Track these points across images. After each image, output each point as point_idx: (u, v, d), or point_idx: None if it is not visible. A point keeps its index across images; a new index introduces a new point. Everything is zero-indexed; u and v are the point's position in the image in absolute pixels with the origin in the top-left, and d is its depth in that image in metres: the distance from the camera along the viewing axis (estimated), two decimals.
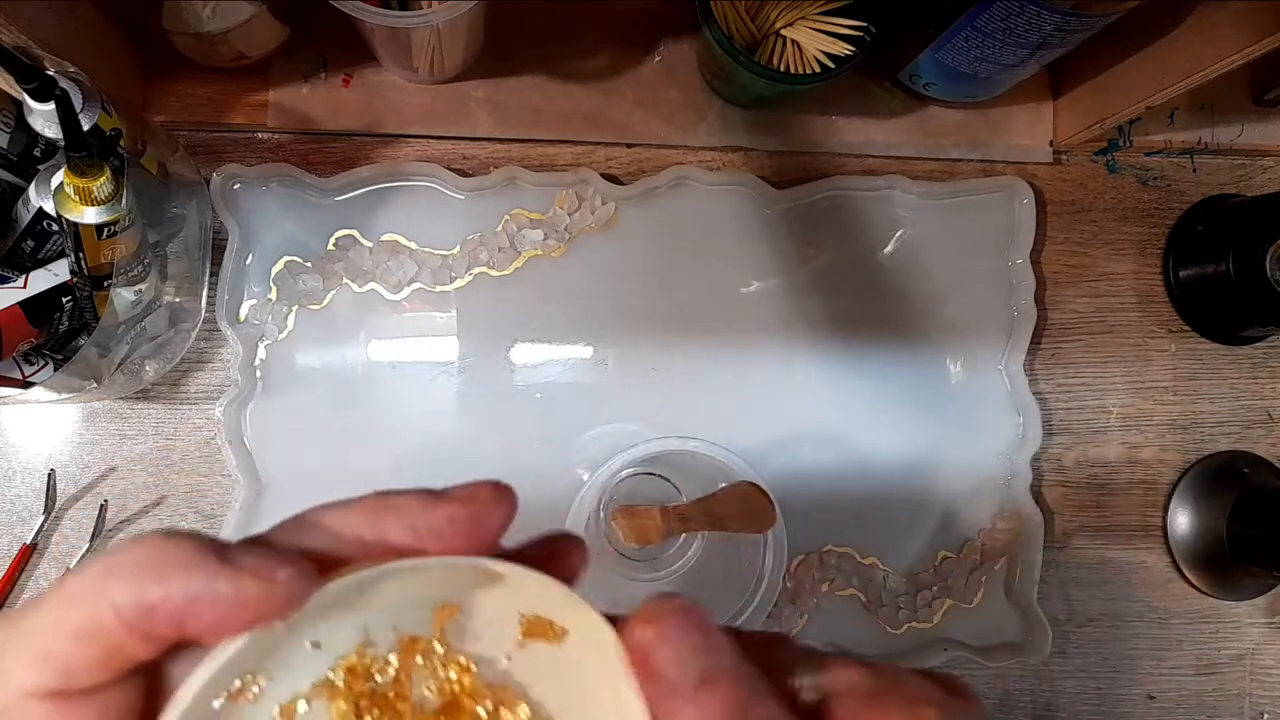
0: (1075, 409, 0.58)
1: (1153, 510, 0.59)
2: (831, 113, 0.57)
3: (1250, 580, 0.58)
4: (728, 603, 0.47)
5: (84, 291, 0.43)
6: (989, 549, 0.56)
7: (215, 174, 0.52)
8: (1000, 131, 0.58)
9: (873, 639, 0.55)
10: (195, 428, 0.53)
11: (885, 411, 0.56)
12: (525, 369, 0.54)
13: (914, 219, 0.57)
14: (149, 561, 0.17)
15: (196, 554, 0.17)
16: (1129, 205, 0.60)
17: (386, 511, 0.19)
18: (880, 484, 0.56)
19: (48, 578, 0.51)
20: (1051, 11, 0.43)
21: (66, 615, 0.17)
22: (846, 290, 0.57)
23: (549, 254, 0.55)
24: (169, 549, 0.17)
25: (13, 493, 0.51)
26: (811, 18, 0.50)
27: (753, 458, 0.45)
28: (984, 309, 0.57)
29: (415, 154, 0.54)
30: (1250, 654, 0.58)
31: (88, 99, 0.40)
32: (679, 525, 0.40)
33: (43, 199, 0.43)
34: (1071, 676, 0.57)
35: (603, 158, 0.56)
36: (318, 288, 0.53)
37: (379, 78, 0.54)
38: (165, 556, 0.17)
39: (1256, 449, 0.59)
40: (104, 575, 0.17)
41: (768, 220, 0.56)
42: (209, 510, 0.52)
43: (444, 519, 0.19)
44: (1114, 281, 0.59)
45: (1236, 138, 0.60)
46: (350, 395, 0.53)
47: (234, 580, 0.17)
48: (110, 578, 0.16)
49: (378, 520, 0.18)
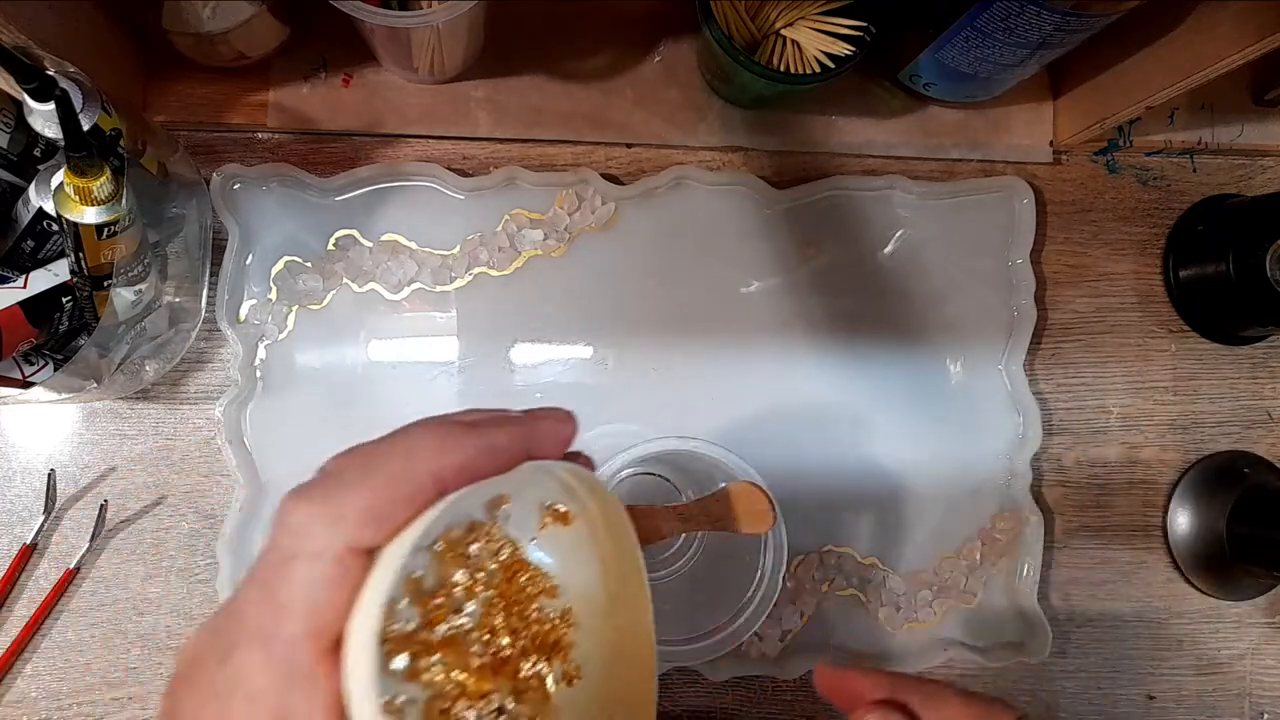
0: (1075, 409, 0.58)
1: (1153, 510, 0.59)
2: (831, 113, 0.57)
3: (1250, 580, 0.58)
4: (728, 603, 0.47)
5: (84, 291, 0.43)
6: (989, 549, 0.56)
7: (215, 174, 0.52)
8: (1000, 131, 0.58)
9: (873, 639, 0.55)
10: (195, 428, 0.53)
11: (885, 411, 0.56)
12: (525, 369, 0.54)
13: (914, 219, 0.57)
14: (443, 438, 0.23)
15: (472, 431, 0.24)
16: (1129, 205, 0.60)
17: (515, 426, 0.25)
18: (880, 484, 0.56)
19: (48, 578, 0.51)
20: (1051, 11, 0.43)
21: (395, 489, 0.22)
22: (846, 290, 0.57)
23: (549, 254, 0.55)
24: (455, 430, 0.24)
25: (13, 493, 0.51)
26: (811, 18, 0.50)
27: (753, 458, 0.45)
28: (984, 309, 0.57)
29: (415, 154, 0.54)
30: (1250, 654, 0.58)
31: (88, 99, 0.40)
32: (679, 525, 0.39)
33: (43, 199, 0.43)
34: (1071, 676, 0.57)
35: (603, 158, 0.56)
36: (318, 288, 0.53)
37: (379, 78, 0.54)
38: (450, 434, 0.23)
39: (1256, 449, 0.59)
40: (409, 458, 0.23)
41: (768, 220, 0.56)
42: (209, 510, 0.52)
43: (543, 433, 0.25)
44: (1114, 281, 0.59)
45: (1236, 138, 0.60)
46: (350, 395, 0.53)
47: (510, 435, 0.24)
48: (414, 455, 0.23)
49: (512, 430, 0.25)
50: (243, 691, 0.21)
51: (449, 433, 0.23)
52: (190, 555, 0.52)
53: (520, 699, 0.26)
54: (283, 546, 0.22)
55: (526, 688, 0.26)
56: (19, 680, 0.50)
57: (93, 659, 0.51)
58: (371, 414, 0.53)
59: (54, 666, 0.51)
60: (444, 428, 0.24)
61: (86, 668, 0.51)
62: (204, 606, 0.52)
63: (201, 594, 0.52)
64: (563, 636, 0.28)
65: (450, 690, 0.25)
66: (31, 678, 0.51)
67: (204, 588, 0.52)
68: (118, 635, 0.51)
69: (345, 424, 0.53)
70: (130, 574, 0.52)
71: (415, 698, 0.24)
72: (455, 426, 0.24)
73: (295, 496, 0.23)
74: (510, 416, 0.26)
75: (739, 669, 0.53)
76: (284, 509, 0.22)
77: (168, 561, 0.52)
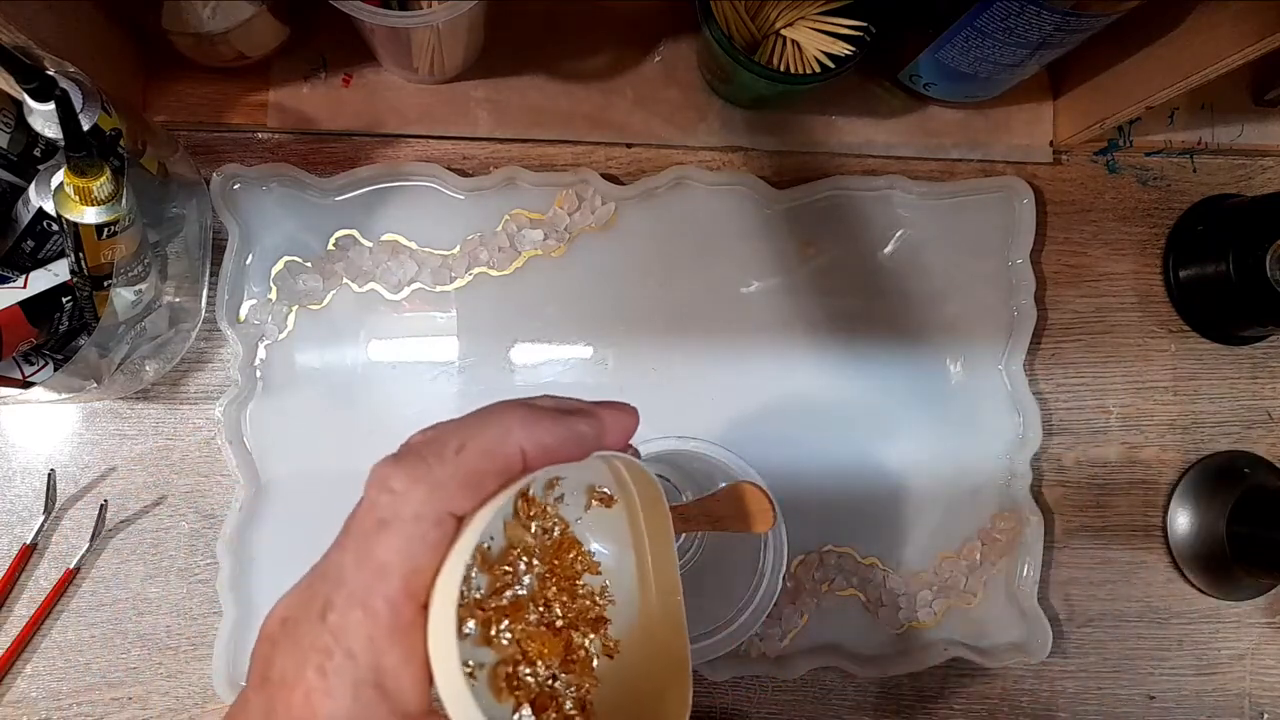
0: (1075, 409, 0.58)
1: (1153, 510, 0.59)
2: (831, 113, 0.57)
3: (1250, 580, 0.57)
4: (728, 603, 0.47)
5: (84, 291, 0.43)
6: (989, 549, 0.56)
7: (215, 174, 0.52)
8: (1000, 131, 0.58)
9: (873, 639, 0.55)
10: (195, 428, 0.53)
11: (885, 411, 0.56)
12: (525, 369, 0.54)
13: (914, 219, 0.57)
14: (531, 418, 0.24)
15: (559, 416, 0.25)
16: (1129, 205, 0.60)
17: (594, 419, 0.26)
18: (880, 484, 0.56)
19: (48, 578, 0.51)
20: (1051, 11, 0.43)
21: (489, 461, 0.24)
22: (846, 290, 0.57)
23: (549, 254, 0.55)
24: (543, 413, 0.25)
25: (13, 493, 0.51)
26: (811, 18, 0.50)
27: (753, 458, 0.45)
28: (984, 309, 0.57)
29: (415, 154, 0.54)
30: (1250, 654, 0.58)
31: (88, 99, 0.40)
32: (679, 525, 0.39)
33: (43, 199, 0.43)
34: (1071, 676, 0.57)
35: (603, 158, 0.56)
36: (318, 288, 0.53)
37: (379, 78, 0.54)
38: (539, 417, 0.25)
39: (1256, 449, 0.59)
40: (504, 434, 0.24)
41: (768, 220, 0.56)
42: (209, 510, 0.52)
43: (613, 424, 0.27)
44: (1114, 281, 0.59)
45: (1236, 138, 0.60)
46: (350, 395, 0.53)
47: (590, 425, 0.26)
48: (509, 432, 0.24)
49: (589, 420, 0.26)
50: (343, 648, 0.22)
51: (538, 416, 0.25)
52: (190, 555, 0.52)
53: (567, 669, 0.28)
54: (382, 509, 0.23)
55: (575, 658, 0.28)
56: (19, 680, 0.50)
57: (93, 659, 0.51)
58: (371, 414, 0.53)
59: (54, 666, 0.51)
60: (533, 411, 0.25)
61: (86, 668, 0.51)
62: (204, 606, 0.52)
63: (201, 594, 0.52)
64: (602, 612, 0.30)
65: (513, 654, 0.26)
66: (31, 678, 0.51)
67: (204, 588, 0.52)
68: (118, 635, 0.51)
69: (345, 424, 0.53)
70: (130, 574, 0.52)
71: (484, 661, 0.26)
72: (543, 411, 0.25)
73: (393, 464, 0.23)
74: (586, 407, 0.27)
75: (739, 669, 0.53)
76: (382, 475, 0.23)
77: (168, 561, 0.52)
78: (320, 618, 0.22)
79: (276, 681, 0.22)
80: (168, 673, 0.51)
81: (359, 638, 0.22)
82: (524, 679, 0.26)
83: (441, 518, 0.23)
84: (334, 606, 0.22)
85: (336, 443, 0.53)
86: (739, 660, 0.53)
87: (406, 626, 0.22)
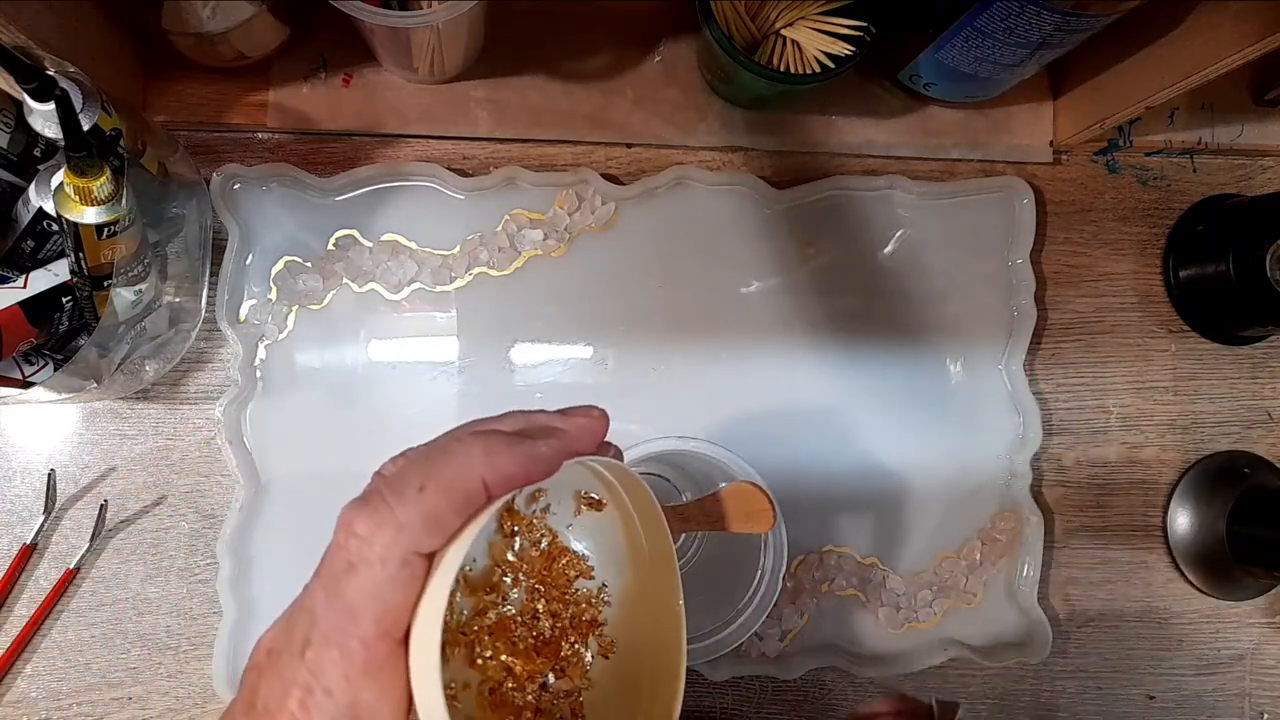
0: (1075, 409, 0.58)
1: (1153, 510, 0.59)
2: (831, 113, 0.57)
3: (1250, 580, 0.57)
4: (728, 603, 0.47)
5: (84, 291, 0.43)
6: (989, 549, 0.56)
7: (215, 174, 0.52)
8: (1000, 131, 0.58)
9: (873, 639, 0.55)
10: (195, 428, 0.53)
11: (885, 411, 0.56)
12: (525, 369, 0.54)
13: (914, 219, 0.57)
14: (490, 448, 0.25)
15: (518, 441, 0.25)
16: (1129, 205, 0.60)
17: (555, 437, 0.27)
18: (880, 484, 0.56)
19: (48, 578, 0.51)
20: (1051, 11, 0.43)
21: (450, 498, 0.24)
22: (846, 290, 0.57)
23: (549, 254, 0.55)
24: (501, 441, 0.25)
25: (13, 493, 0.51)
26: (811, 18, 0.50)
27: (753, 458, 0.45)
28: (984, 309, 0.57)
29: (415, 154, 0.54)
30: (1250, 654, 0.58)
31: (88, 99, 0.40)
32: (679, 525, 0.39)
33: (43, 199, 0.43)
34: (1071, 676, 0.57)
35: (603, 158, 0.56)
36: (318, 288, 0.53)
37: (379, 78, 0.54)
38: (497, 445, 0.25)
39: (1256, 449, 0.59)
40: (465, 469, 0.24)
41: (768, 220, 0.56)
42: (209, 510, 0.52)
43: (578, 435, 0.27)
44: (1114, 281, 0.59)
45: (1236, 138, 0.60)
46: (350, 395, 0.53)
47: (550, 444, 0.26)
48: (468, 465, 0.24)
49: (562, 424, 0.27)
50: (321, 685, 0.23)
51: (498, 446, 0.25)
52: (190, 555, 0.52)
53: (560, 675, 0.29)
54: (349, 552, 0.24)
55: (566, 665, 0.29)
56: (19, 680, 0.50)
57: (93, 659, 0.51)
58: (371, 414, 0.53)
59: (54, 666, 0.51)
60: (493, 441, 0.25)
61: (86, 668, 0.51)
62: (204, 606, 0.52)
63: (201, 594, 0.52)
64: (598, 614, 0.30)
65: (499, 674, 0.27)
66: (31, 678, 0.51)
67: (204, 588, 0.52)
68: (118, 635, 0.51)
69: (345, 424, 0.53)
70: (130, 574, 0.52)
71: (470, 681, 0.27)
72: (502, 440, 0.25)
73: (357, 507, 0.24)
74: (549, 425, 0.27)
75: (739, 669, 0.53)
76: (347, 518, 0.24)
77: (168, 561, 0.52)
78: (300, 654, 0.24)
79: (261, 710, 0.24)
80: (168, 673, 0.51)
81: (335, 677, 0.23)
82: (510, 697, 0.27)
83: (408, 558, 0.23)
84: (311, 644, 0.23)
85: (336, 443, 0.53)
86: (739, 660, 0.53)
87: (380, 663, 0.23)
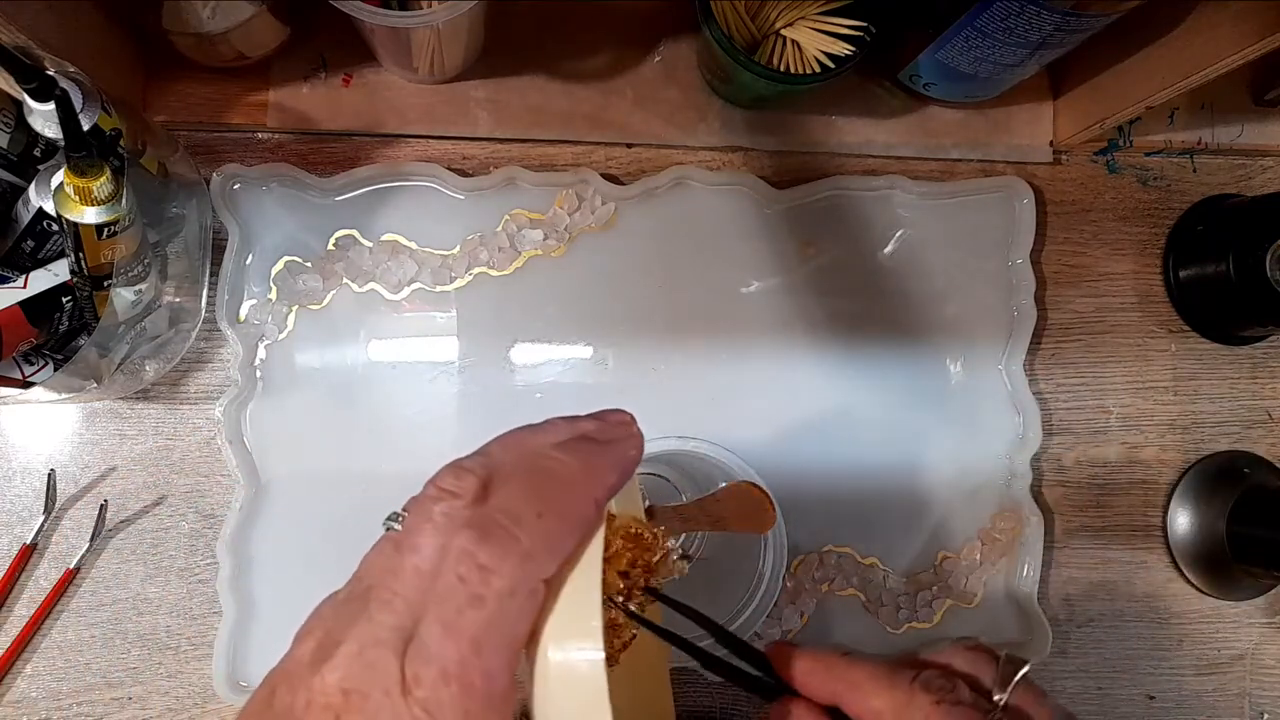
0: (1075, 409, 0.58)
1: (1153, 510, 0.59)
2: (831, 113, 0.57)
3: (1250, 580, 0.57)
4: (728, 603, 0.47)
5: (84, 291, 0.43)
6: (989, 549, 0.56)
7: (215, 174, 0.52)
8: (1000, 131, 0.58)
9: (873, 639, 0.55)
10: (195, 428, 0.53)
11: (885, 411, 0.56)
12: (525, 369, 0.54)
13: (914, 219, 0.57)
14: (589, 463, 0.25)
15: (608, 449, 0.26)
16: (1129, 205, 0.60)
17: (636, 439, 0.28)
18: (880, 484, 0.56)
19: (48, 578, 0.51)
20: (1051, 11, 0.43)
21: (568, 522, 0.24)
22: (846, 290, 0.57)
23: (549, 254, 0.55)
24: (595, 451, 0.26)
25: (13, 493, 0.51)
26: (811, 18, 0.50)
27: (753, 458, 0.45)
28: (984, 309, 0.57)
29: (415, 154, 0.54)
30: (1250, 654, 0.58)
31: (88, 99, 0.40)
32: (679, 525, 0.39)
33: (43, 199, 0.43)
34: (1071, 676, 0.57)
35: (603, 158, 0.56)
36: (318, 288, 0.53)
37: (379, 78, 0.54)
38: (595, 458, 0.26)
39: (1256, 449, 0.59)
40: (577, 491, 0.25)
41: (768, 220, 0.56)
42: (209, 510, 0.52)
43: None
44: (1114, 281, 0.59)
45: (1236, 138, 0.60)
46: (350, 395, 0.53)
47: (633, 444, 0.27)
48: (576, 487, 0.25)
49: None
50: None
51: (597, 461, 0.26)
52: (190, 555, 0.52)
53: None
54: (474, 585, 0.23)
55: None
56: (19, 680, 0.50)
57: (93, 659, 0.51)
58: (371, 414, 0.53)
59: (54, 666, 0.51)
60: (585, 452, 0.25)
61: (86, 668, 0.51)
62: (204, 606, 0.52)
63: (201, 594, 0.52)
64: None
65: None
66: (31, 678, 0.51)
67: (204, 588, 0.52)
68: (118, 635, 0.51)
69: (345, 424, 0.53)
70: (130, 574, 0.52)
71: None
72: (593, 448, 0.26)
73: (479, 539, 0.23)
74: (621, 430, 0.28)
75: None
76: (469, 550, 0.23)
77: (168, 561, 0.52)
78: (403, 693, 0.22)
79: None
80: (168, 673, 0.51)
81: (455, 712, 0.22)
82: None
83: (535, 588, 0.23)
84: (422, 682, 0.22)
85: (336, 443, 0.53)
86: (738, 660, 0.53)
87: (504, 694, 0.23)
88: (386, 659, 0.23)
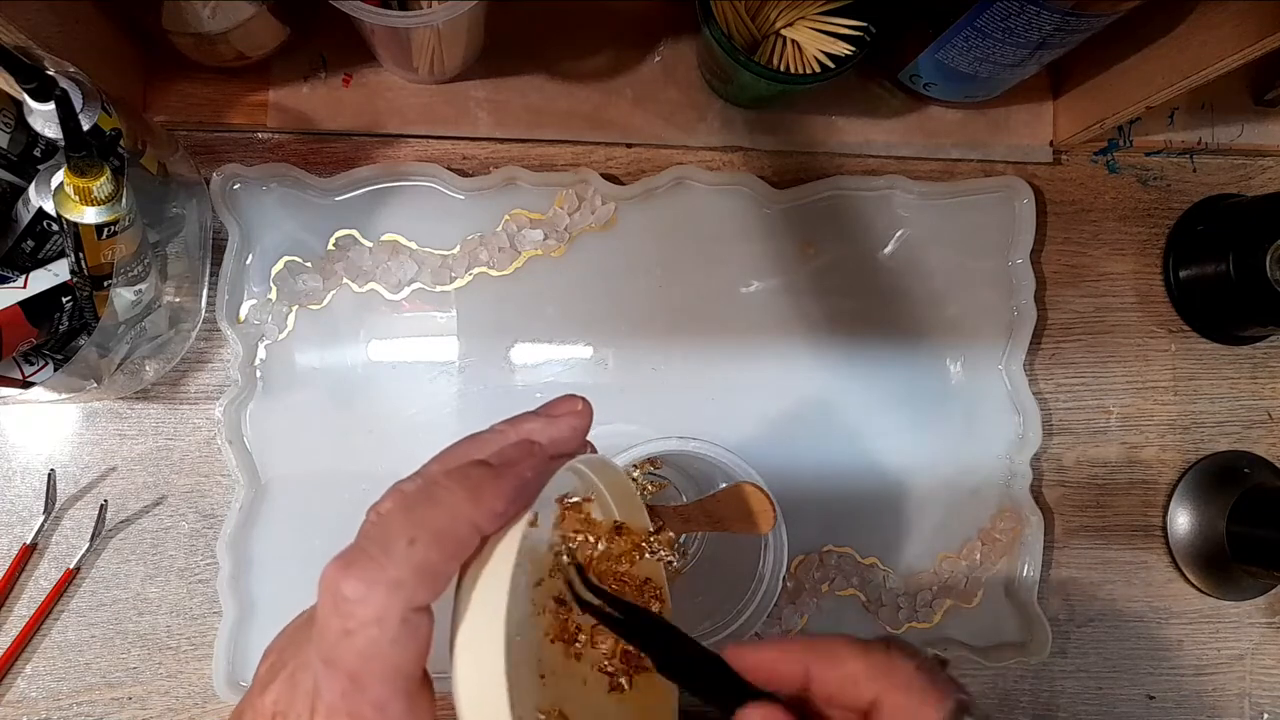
0: (1075, 409, 0.58)
1: (1153, 510, 0.59)
2: (831, 113, 0.57)
3: (1250, 580, 0.58)
4: (728, 603, 0.47)
5: (84, 291, 0.43)
6: (989, 549, 0.56)
7: (215, 174, 0.52)
8: (1000, 131, 0.58)
9: None
10: (195, 428, 0.53)
11: (885, 411, 0.56)
12: (525, 369, 0.54)
13: (914, 219, 0.57)
14: (476, 489, 0.24)
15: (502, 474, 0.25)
16: (1129, 205, 0.60)
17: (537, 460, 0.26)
18: (880, 484, 0.56)
19: (48, 578, 0.51)
20: (1051, 11, 0.43)
21: (442, 549, 0.23)
22: (846, 290, 0.57)
23: (549, 254, 0.55)
24: (486, 477, 0.24)
25: (13, 493, 0.51)
26: (811, 18, 0.50)
27: (753, 458, 0.45)
28: (984, 309, 0.57)
29: (415, 154, 0.54)
30: (1250, 654, 0.58)
31: (88, 99, 0.40)
32: (679, 525, 0.39)
33: (43, 199, 0.43)
34: (1071, 676, 0.57)
35: (603, 158, 0.56)
36: (318, 288, 0.53)
37: (379, 78, 0.54)
38: (483, 485, 0.24)
39: (1256, 449, 0.59)
40: (454, 516, 0.24)
41: (768, 220, 0.56)
42: (209, 510, 0.52)
43: (563, 436, 0.27)
44: (1114, 281, 0.59)
45: (1236, 138, 0.60)
46: (350, 395, 0.53)
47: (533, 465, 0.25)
48: (455, 512, 0.24)
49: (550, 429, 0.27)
50: None
51: (481, 485, 0.24)
52: (190, 555, 0.52)
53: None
54: (342, 618, 0.22)
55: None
56: (19, 680, 0.50)
57: (93, 659, 0.51)
58: (371, 414, 0.53)
59: (54, 666, 0.51)
60: (475, 479, 0.24)
61: (86, 668, 0.51)
62: (204, 606, 0.52)
63: (201, 594, 0.52)
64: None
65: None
66: (31, 678, 0.51)
67: (204, 588, 0.52)
68: (118, 635, 0.51)
69: (345, 424, 0.53)
70: (130, 574, 0.52)
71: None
72: (484, 475, 0.25)
73: (342, 568, 0.23)
74: (526, 447, 0.27)
75: None
76: (332, 581, 0.23)
77: (168, 561, 0.52)
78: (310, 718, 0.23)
79: None
80: (168, 673, 0.51)
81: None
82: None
83: (406, 616, 0.22)
84: (319, 713, 0.23)
85: (336, 443, 0.53)
86: None
87: (401, 716, 0.23)
88: (307, 684, 0.24)
